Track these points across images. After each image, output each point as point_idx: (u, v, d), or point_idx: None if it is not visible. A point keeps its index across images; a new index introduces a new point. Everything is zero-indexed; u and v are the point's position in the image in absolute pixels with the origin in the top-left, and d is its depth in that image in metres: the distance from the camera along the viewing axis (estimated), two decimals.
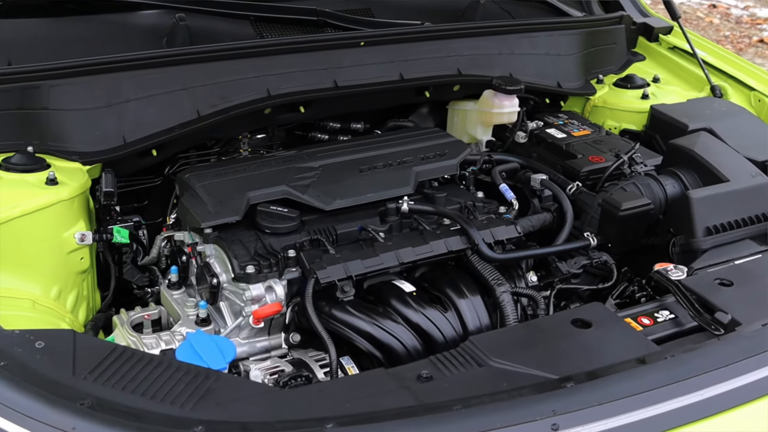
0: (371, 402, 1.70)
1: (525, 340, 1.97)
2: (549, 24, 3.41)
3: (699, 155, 2.74)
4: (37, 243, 2.39)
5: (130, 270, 2.73)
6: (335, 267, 2.29)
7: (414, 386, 1.76)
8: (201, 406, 1.66)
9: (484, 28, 3.27)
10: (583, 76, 3.45)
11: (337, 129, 3.21)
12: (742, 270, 2.28)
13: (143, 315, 2.38)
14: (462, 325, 2.33)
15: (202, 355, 1.86)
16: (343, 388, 1.78)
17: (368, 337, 2.24)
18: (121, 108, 2.65)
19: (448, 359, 1.87)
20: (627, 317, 2.09)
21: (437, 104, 3.36)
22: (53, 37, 2.84)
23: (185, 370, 1.76)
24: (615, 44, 3.63)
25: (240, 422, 1.61)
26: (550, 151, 3.09)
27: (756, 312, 2.06)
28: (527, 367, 1.82)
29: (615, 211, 2.51)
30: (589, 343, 1.92)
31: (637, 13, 3.81)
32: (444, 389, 1.76)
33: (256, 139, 3.12)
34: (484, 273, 2.39)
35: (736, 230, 2.54)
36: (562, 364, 1.84)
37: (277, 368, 2.24)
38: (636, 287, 2.34)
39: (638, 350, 1.90)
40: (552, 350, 1.90)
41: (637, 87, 3.43)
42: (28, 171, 2.46)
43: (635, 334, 1.98)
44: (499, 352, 1.86)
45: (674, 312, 2.14)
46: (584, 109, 3.48)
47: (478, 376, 1.81)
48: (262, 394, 1.72)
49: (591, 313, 2.03)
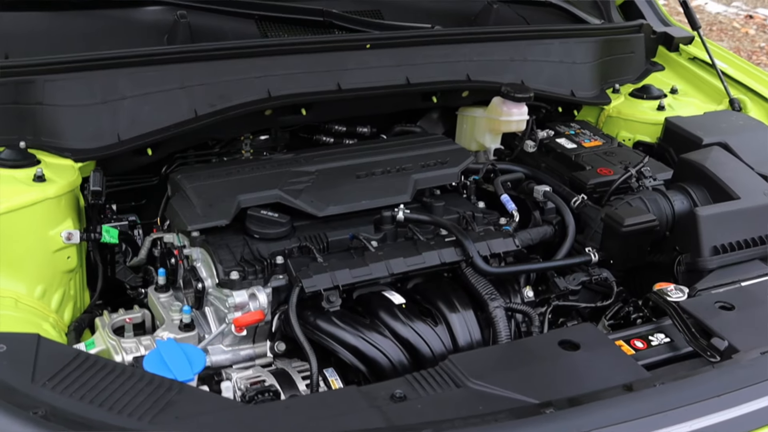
0: (337, 422, 1.62)
1: (508, 360, 1.88)
2: (564, 31, 3.32)
3: (710, 171, 2.64)
4: (22, 241, 2.35)
5: (123, 270, 2.69)
6: (322, 276, 2.22)
7: (385, 406, 1.69)
8: (159, 419, 1.60)
9: (496, 33, 3.19)
10: (598, 86, 3.36)
11: (343, 132, 3.14)
12: (746, 293, 2.18)
13: (125, 318, 2.32)
14: (452, 341, 2.25)
15: (169, 365, 1.79)
16: (310, 405, 1.71)
17: (352, 349, 2.17)
18: (117, 105, 2.61)
19: (425, 378, 1.79)
20: (619, 339, 2.00)
21: (447, 110, 3.28)
22: (53, 32, 2.80)
23: (148, 380, 1.70)
24: (633, 53, 3.53)
25: None
26: (558, 161, 3.00)
27: (756, 339, 1.96)
28: (507, 390, 1.73)
29: (617, 227, 2.41)
30: (575, 366, 1.84)
31: (658, 21, 3.71)
32: (417, 410, 1.68)
33: (259, 141, 3.06)
34: (477, 287, 2.32)
35: (745, 250, 2.44)
36: (545, 388, 1.76)
37: (258, 378, 2.18)
38: (631, 308, 2.25)
39: (626, 376, 1.81)
40: (535, 373, 1.82)
41: (653, 98, 3.33)
42: (16, 167, 2.42)
43: (625, 358, 1.88)
44: (478, 373, 1.77)
45: (670, 336, 2.04)
46: (598, 119, 3.38)
47: (454, 398, 1.73)
48: (225, 410, 1.65)
49: (580, 334, 1.94)
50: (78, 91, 2.58)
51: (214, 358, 2.27)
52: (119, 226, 2.67)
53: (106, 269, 2.66)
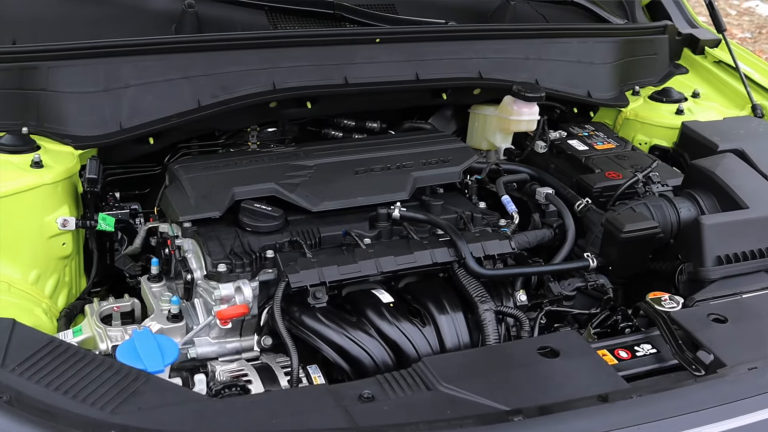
0: (299, 420, 1.60)
1: (484, 365, 1.84)
2: (582, 30, 3.25)
3: (719, 178, 2.56)
4: (17, 226, 2.36)
5: (123, 258, 2.69)
6: (309, 272, 2.19)
7: (352, 406, 1.66)
8: (122, 409, 1.59)
9: (510, 31, 3.14)
10: (617, 87, 3.29)
11: (352, 127, 3.11)
12: (742, 306, 2.11)
13: (113, 307, 2.32)
14: (440, 342, 2.22)
15: (141, 356, 1.78)
16: (275, 402, 1.69)
17: (336, 347, 2.14)
18: (120, 93, 2.61)
19: (396, 380, 1.76)
20: (603, 349, 1.95)
21: (461, 107, 3.24)
22: (61, 18, 2.81)
23: (117, 369, 1.69)
24: (656, 55, 3.46)
25: (155, 430, 1.53)
26: (568, 163, 2.94)
27: (745, 354, 1.89)
28: (478, 395, 1.70)
29: (617, 233, 2.35)
30: (552, 373, 1.79)
31: (684, 23, 3.63)
32: (383, 412, 1.65)
33: (266, 133, 3.04)
34: (468, 288, 2.28)
35: (750, 261, 2.36)
36: (517, 395, 1.72)
37: (240, 372, 2.17)
38: (620, 316, 2.19)
39: (604, 386, 1.76)
40: (510, 379, 1.78)
41: (672, 101, 3.25)
42: (15, 152, 2.44)
43: (605, 368, 1.83)
44: (451, 377, 1.74)
45: (657, 347, 1.98)
46: (616, 122, 3.31)
47: (422, 401, 1.69)
48: (188, 403, 1.64)
49: (562, 341, 1.89)
50: (81, 78, 2.59)
51: (200, 349, 2.25)
52: (120, 215, 2.69)
53: (105, 257, 2.67)
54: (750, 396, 1.73)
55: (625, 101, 3.25)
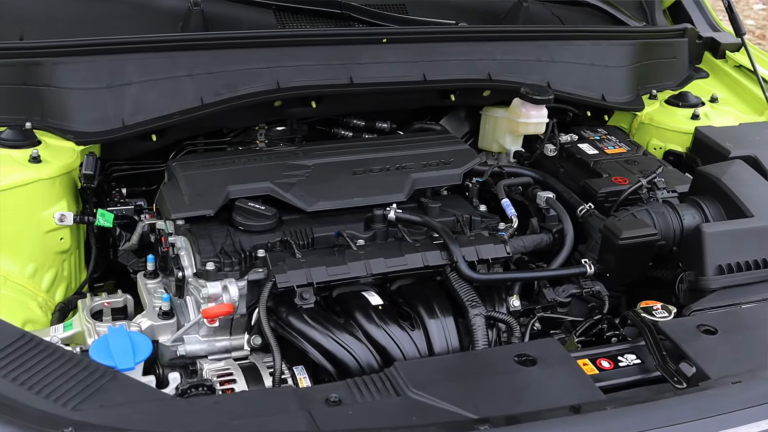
0: (260, 422, 1.59)
1: (457, 371, 1.81)
2: (597, 32, 3.19)
3: (725, 185, 2.49)
4: (14, 219, 2.39)
5: (126, 254, 2.70)
6: (296, 272, 2.18)
7: (316, 409, 1.64)
8: (84, 405, 1.59)
9: (521, 32, 3.09)
10: (633, 90, 3.23)
11: (362, 127, 3.09)
12: (734, 317, 2.05)
13: (103, 302, 2.33)
14: (429, 347, 2.19)
15: (113, 353, 1.78)
16: (239, 403, 1.67)
17: (321, 349, 2.12)
18: (123, 90, 2.63)
19: (366, 384, 1.73)
20: (584, 358, 1.90)
21: (474, 109, 3.20)
22: (69, 15, 2.84)
23: (85, 366, 1.69)
24: (675, 58, 3.39)
25: (114, 428, 1.53)
26: (577, 167, 2.90)
27: (732, 366, 1.84)
28: (447, 402, 1.66)
29: (614, 239, 2.30)
30: (526, 382, 1.75)
31: (706, 26, 3.55)
32: (347, 417, 1.63)
33: (275, 132, 3.04)
34: (460, 292, 2.24)
35: (753, 272, 2.29)
36: (487, 404, 1.68)
37: (226, 371, 2.16)
38: (605, 325, 2.13)
39: (579, 397, 1.71)
40: (483, 386, 1.74)
41: (689, 106, 3.18)
42: (14, 147, 2.46)
43: (583, 378, 1.78)
44: (421, 383, 1.71)
45: (642, 358, 1.93)
46: (631, 126, 3.25)
47: (389, 407, 1.67)
48: (151, 401, 1.63)
49: (540, 349, 1.85)
50: (85, 74, 2.61)
51: (189, 347, 2.26)
52: (125, 211, 2.70)
53: (108, 253, 2.69)
54: (730, 411, 1.68)
55: (641, 105, 3.19)
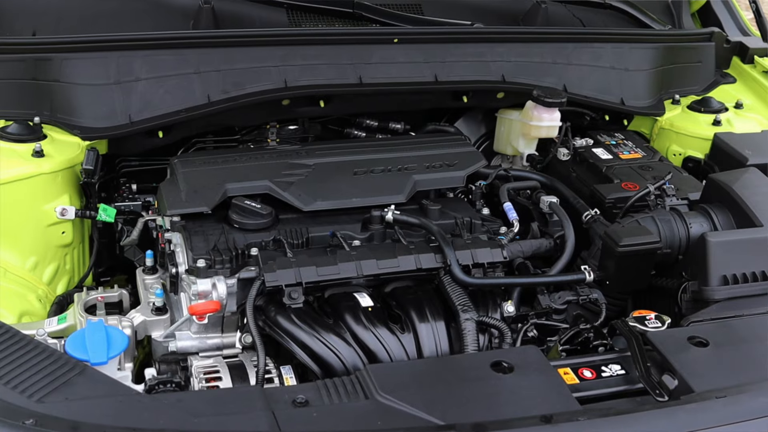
0: (221, 421, 1.57)
1: (430, 376, 1.77)
2: (617, 35, 3.12)
3: (736, 194, 2.42)
4: (16, 213, 2.41)
5: (132, 249, 2.71)
6: (286, 271, 2.16)
7: (281, 410, 1.62)
8: (49, 398, 1.60)
9: (537, 34, 3.04)
10: (655, 95, 3.15)
11: (375, 128, 3.06)
12: (727, 329, 1.98)
13: (97, 297, 2.34)
14: (418, 350, 2.15)
15: (87, 347, 1.79)
16: (204, 401, 1.66)
17: (307, 349, 2.11)
18: (131, 86, 2.64)
19: (336, 386, 1.71)
20: (565, 367, 1.85)
21: (492, 111, 3.16)
22: (82, 11, 2.86)
23: (56, 358, 1.70)
24: (700, 63, 3.30)
25: (73, 421, 1.53)
26: (590, 172, 2.84)
27: (719, 380, 1.77)
28: (415, 407, 1.63)
29: (614, 246, 2.24)
30: (500, 390, 1.71)
31: (736, 30, 3.45)
32: (311, 419, 1.61)
33: (288, 131, 3.03)
34: (452, 296, 2.21)
35: (759, 283, 2.21)
36: (456, 410, 1.65)
37: (213, 368, 2.16)
38: (591, 334, 2.07)
39: (552, 406, 1.66)
40: (454, 392, 1.70)
41: (711, 111, 3.09)
42: (19, 141, 2.49)
43: (560, 387, 1.73)
44: (391, 387, 1.68)
45: (627, 369, 1.87)
46: (652, 131, 3.17)
47: (355, 410, 1.64)
48: (115, 396, 1.63)
49: (519, 356, 1.81)
50: (93, 70, 2.63)
51: (180, 343, 2.25)
52: (133, 206, 2.72)
53: (115, 247, 2.70)
54: (709, 427, 1.62)
55: (661, 110, 3.11)
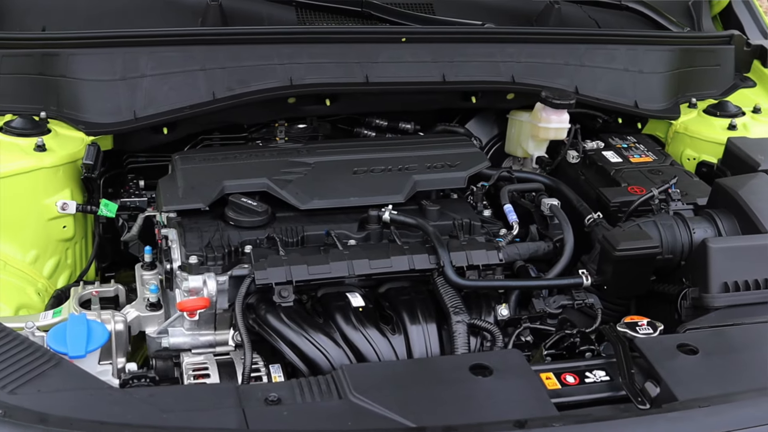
0: (189, 417, 1.57)
1: (406, 378, 1.75)
2: (631, 36, 3.07)
3: (742, 199, 2.36)
4: (16, 206, 2.44)
5: (137, 245, 2.73)
6: (276, 269, 2.15)
7: (252, 408, 1.61)
8: (22, 390, 1.60)
9: (549, 35, 3.00)
10: (670, 98, 3.10)
11: (385, 127, 3.04)
12: (722, 338, 1.92)
13: (92, 291, 2.35)
14: (408, 352, 2.13)
15: (67, 340, 1.79)
16: (175, 397, 1.65)
17: (295, 348, 2.09)
18: (136, 83, 2.66)
19: (311, 385, 1.69)
20: (548, 372, 1.81)
21: (504, 112, 3.12)
22: (92, 9, 2.88)
23: (33, 350, 1.70)
24: (719, 66, 3.24)
25: (41, 413, 1.53)
26: (598, 175, 2.80)
27: (705, 389, 1.72)
28: (387, 409, 1.61)
29: (611, 250, 2.20)
30: (476, 393, 1.68)
31: (757, 33, 3.38)
32: (281, 417, 1.60)
33: (297, 130, 3.03)
34: (444, 298, 2.18)
35: (761, 291, 2.16)
36: (430, 413, 1.62)
37: (202, 365, 2.16)
38: (578, 339, 2.03)
39: (528, 411, 1.63)
40: (429, 394, 1.68)
41: (727, 115, 3.03)
42: (23, 135, 2.51)
43: (538, 392, 1.70)
44: (365, 387, 1.66)
45: (613, 375, 1.83)
46: (667, 135, 3.11)
47: (327, 410, 1.63)
48: (88, 389, 1.63)
49: (500, 359, 1.78)
50: (99, 66, 2.65)
51: (173, 339, 2.26)
52: (138, 202, 2.73)
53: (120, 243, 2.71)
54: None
55: (675, 114, 3.06)
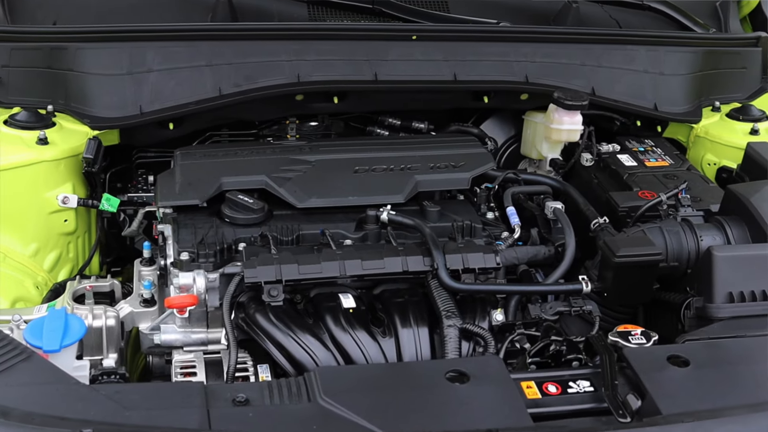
0: (151, 415, 1.54)
1: (379, 382, 1.70)
2: (651, 37, 2.98)
3: (753, 206, 2.27)
4: (17, 199, 2.45)
5: (141, 240, 2.72)
6: (266, 268, 2.12)
7: (218, 408, 1.58)
8: None
9: (565, 34, 2.93)
10: (692, 101, 3.01)
11: (397, 126, 3.00)
12: (716, 350, 1.84)
13: (86, 286, 2.34)
14: (398, 355, 2.09)
15: (43, 334, 1.78)
16: (142, 394, 1.62)
17: (282, 349, 2.06)
18: (142, 77, 2.65)
19: (281, 387, 1.66)
20: (529, 380, 1.75)
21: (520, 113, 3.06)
22: (102, 3, 2.88)
23: (6, 343, 1.69)
24: (745, 69, 3.14)
25: (4, 407, 1.52)
26: (611, 178, 2.73)
27: (691, 403, 1.65)
28: (355, 414, 1.57)
29: (611, 256, 2.12)
30: (449, 400, 1.63)
31: None
32: (246, 419, 1.56)
33: (308, 127, 3.00)
34: (437, 301, 2.13)
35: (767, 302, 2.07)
36: (399, 419, 1.57)
37: (191, 363, 2.14)
38: (564, 347, 1.95)
39: (502, 421, 1.58)
40: (401, 400, 1.63)
41: (750, 120, 2.93)
42: (26, 128, 2.52)
43: (515, 401, 1.64)
44: (335, 391, 1.62)
45: (597, 385, 1.76)
46: (688, 139, 3.02)
47: (293, 413, 1.59)
48: (54, 384, 1.61)
49: (478, 366, 1.72)
50: (106, 60, 2.65)
51: (165, 336, 2.23)
52: (145, 197, 2.74)
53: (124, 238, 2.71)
54: None
55: (696, 117, 2.97)
